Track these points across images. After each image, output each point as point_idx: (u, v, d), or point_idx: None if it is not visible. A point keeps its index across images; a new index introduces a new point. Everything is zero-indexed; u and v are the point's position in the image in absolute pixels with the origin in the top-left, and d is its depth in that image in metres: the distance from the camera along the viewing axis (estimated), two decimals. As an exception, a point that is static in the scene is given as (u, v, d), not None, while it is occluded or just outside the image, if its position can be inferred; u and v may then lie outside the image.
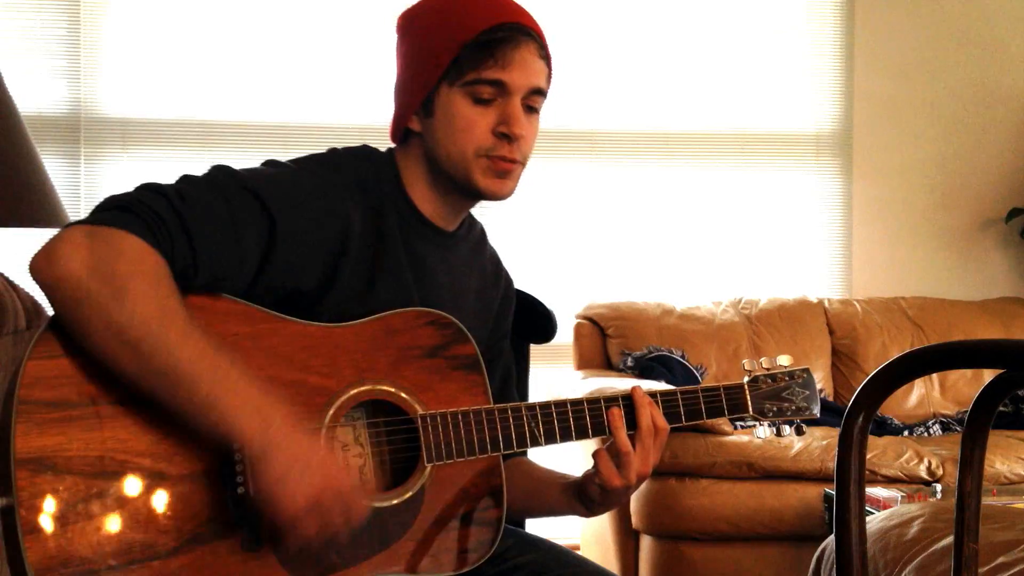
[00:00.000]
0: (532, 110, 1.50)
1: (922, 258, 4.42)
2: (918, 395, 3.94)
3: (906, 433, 3.71)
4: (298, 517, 1.27)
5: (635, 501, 3.29)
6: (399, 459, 1.43)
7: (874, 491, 2.94)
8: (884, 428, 3.70)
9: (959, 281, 4.40)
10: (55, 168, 3.74)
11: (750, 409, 1.60)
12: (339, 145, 1.57)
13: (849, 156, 4.36)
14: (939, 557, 1.72)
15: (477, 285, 1.62)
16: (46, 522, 1.22)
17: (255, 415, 1.25)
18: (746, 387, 1.61)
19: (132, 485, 1.27)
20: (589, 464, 1.53)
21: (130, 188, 1.33)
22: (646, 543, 3.31)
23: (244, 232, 1.33)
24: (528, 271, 4.12)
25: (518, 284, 1.87)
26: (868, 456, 2.96)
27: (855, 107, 4.36)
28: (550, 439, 1.48)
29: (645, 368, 3.62)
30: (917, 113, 4.41)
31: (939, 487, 3.03)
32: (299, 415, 1.34)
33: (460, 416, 1.43)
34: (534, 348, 1.85)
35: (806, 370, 1.67)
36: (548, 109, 1.58)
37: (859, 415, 1.28)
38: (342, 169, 1.47)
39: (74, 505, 1.23)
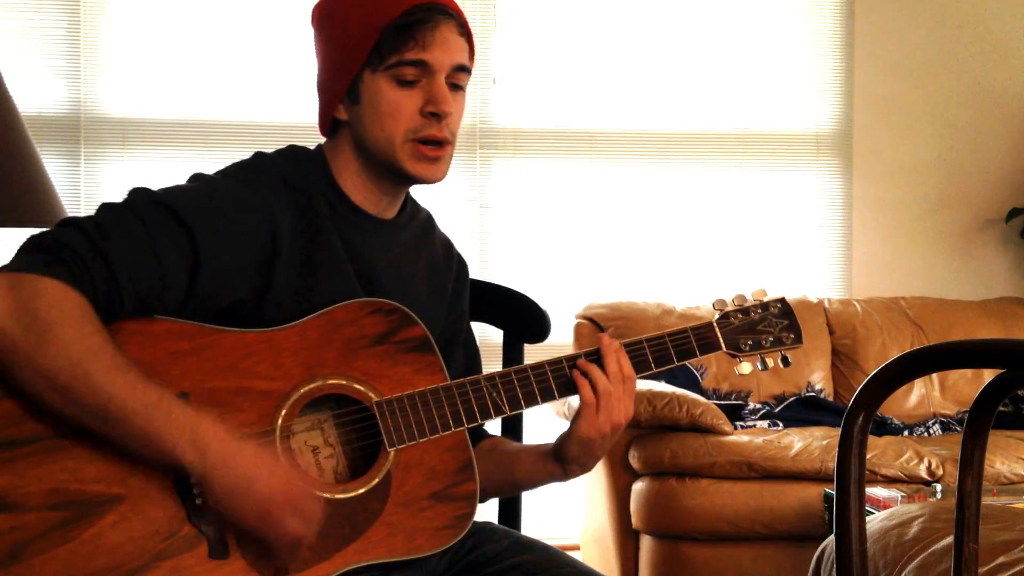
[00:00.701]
0: (457, 88, 1.51)
1: (922, 258, 4.42)
2: (918, 395, 3.94)
3: (906, 433, 3.71)
4: (256, 527, 1.31)
5: (635, 501, 3.29)
6: (369, 449, 1.43)
7: (874, 491, 2.94)
8: (884, 428, 3.70)
9: (959, 281, 4.40)
10: (55, 168, 3.74)
11: (723, 346, 1.57)
12: None
13: (849, 156, 4.36)
14: (939, 557, 1.72)
15: (426, 270, 1.61)
16: (10, 561, 1.24)
17: (190, 445, 1.27)
18: (715, 324, 1.58)
19: (90, 512, 1.28)
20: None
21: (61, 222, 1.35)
22: (646, 543, 3.31)
23: (163, 249, 1.34)
24: (528, 271, 4.12)
25: (517, 284, 1.87)
26: (868, 456, 2.95)
27: (855, 107, 4.36)
28: (514, 406, 1.48)
29: (645, 368, 3.61)
30: (917, 113, 4.40)
31: (939, 487, 3.03)
32: (244, 426, 1.35)
33: (417, 397, 1.44)
34: (534, 348, 1.85)
35: (782, 299, 1.64)
36: (548, 109, 1.58)
37: (859, 415, 1.28)
38: (266, 171, 1.47)
39: (35, 539, 1.25)
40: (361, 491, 1.40)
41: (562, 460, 1.54)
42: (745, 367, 1.60)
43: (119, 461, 1.30)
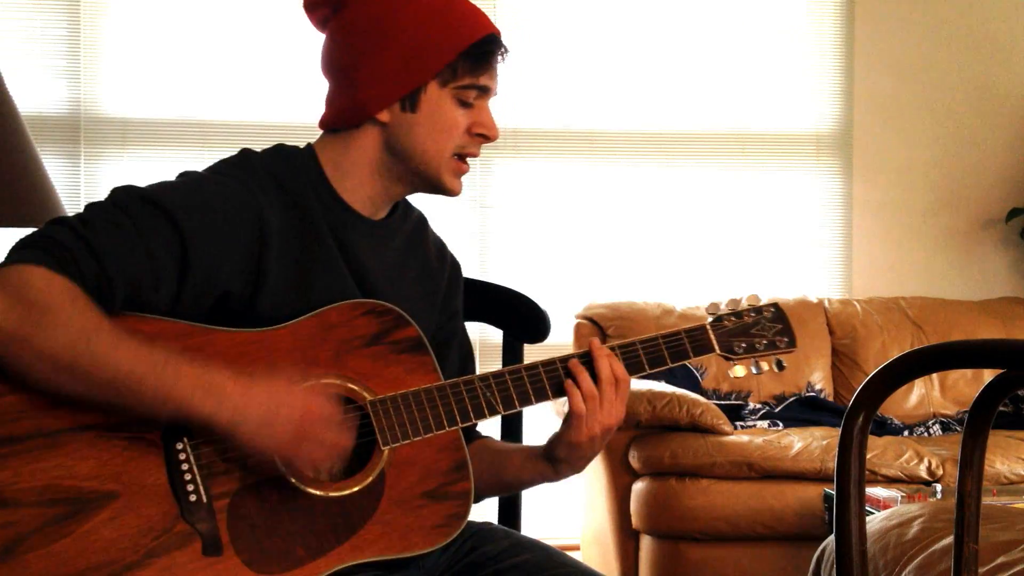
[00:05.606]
0: None
1: (922, 258, 4.42)
2: (918, 395, 3.94)
3: (906, 433, 3.71)
4: (295, 452, 1.33)
5: (635, 501, 3.29)
6: (363, 448, 1.43)
7: (874, 491, 2.94)
8: (884, 428, 3.70)
9: (959, 281, 4.40)
10: (55, 168, 3.74)
11: (716, 349, 1.57)
12: None
13: (849, 156, 4.36)
14: (939, 557, 1.72)
15: (418, 271, 1.62)
16: (4, 557, 1.24)
17: (208, 395, 1.29)
18: (708, 327, 1.58)
19: (83, 508, 1.28)
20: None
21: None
22: (646, 543, 3.31)
23: (152, 243, 1.34)
24: (528, 271, 4.12)
25: (517, 284, 1.87)
26: (868, 456, 2.95)
27: (855, 107, 4.36)
28: (508, 405, 1.48)
29: (645, 368, 3.61)
30: (917, 113, 4.40)
31: (939, 487, 3.03)
32: (244, 369, 1.36)
33: (411, 396, 1.44)
34: (533, 348, 1.85)
35: (775, 304, 1.64)
36: (548, 109, 1.60)
37: (859, 415, 1.28)
38: (254, 168, 1.47)
39: (29, 535, 1.26)
40: (355, 489, 1.41)
41: (552, 460, 1.55)
42: (739, 370, 1.61)
43: (114, 459, 1.30)
